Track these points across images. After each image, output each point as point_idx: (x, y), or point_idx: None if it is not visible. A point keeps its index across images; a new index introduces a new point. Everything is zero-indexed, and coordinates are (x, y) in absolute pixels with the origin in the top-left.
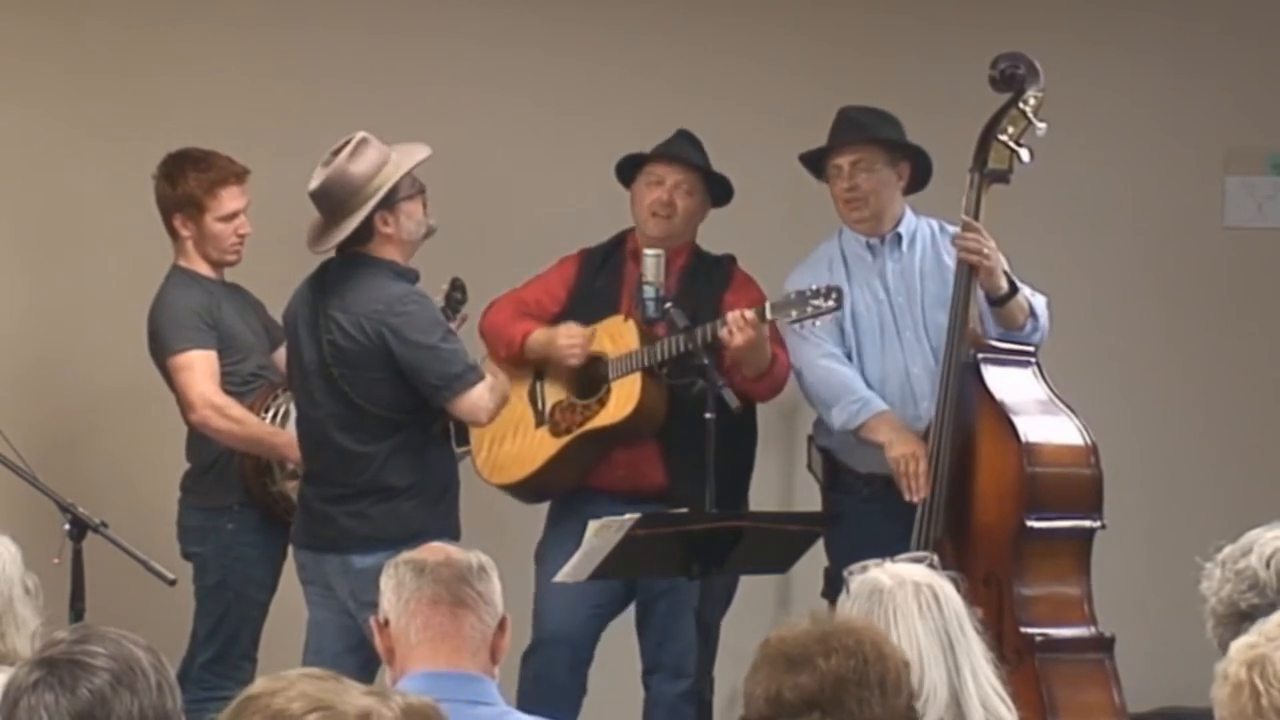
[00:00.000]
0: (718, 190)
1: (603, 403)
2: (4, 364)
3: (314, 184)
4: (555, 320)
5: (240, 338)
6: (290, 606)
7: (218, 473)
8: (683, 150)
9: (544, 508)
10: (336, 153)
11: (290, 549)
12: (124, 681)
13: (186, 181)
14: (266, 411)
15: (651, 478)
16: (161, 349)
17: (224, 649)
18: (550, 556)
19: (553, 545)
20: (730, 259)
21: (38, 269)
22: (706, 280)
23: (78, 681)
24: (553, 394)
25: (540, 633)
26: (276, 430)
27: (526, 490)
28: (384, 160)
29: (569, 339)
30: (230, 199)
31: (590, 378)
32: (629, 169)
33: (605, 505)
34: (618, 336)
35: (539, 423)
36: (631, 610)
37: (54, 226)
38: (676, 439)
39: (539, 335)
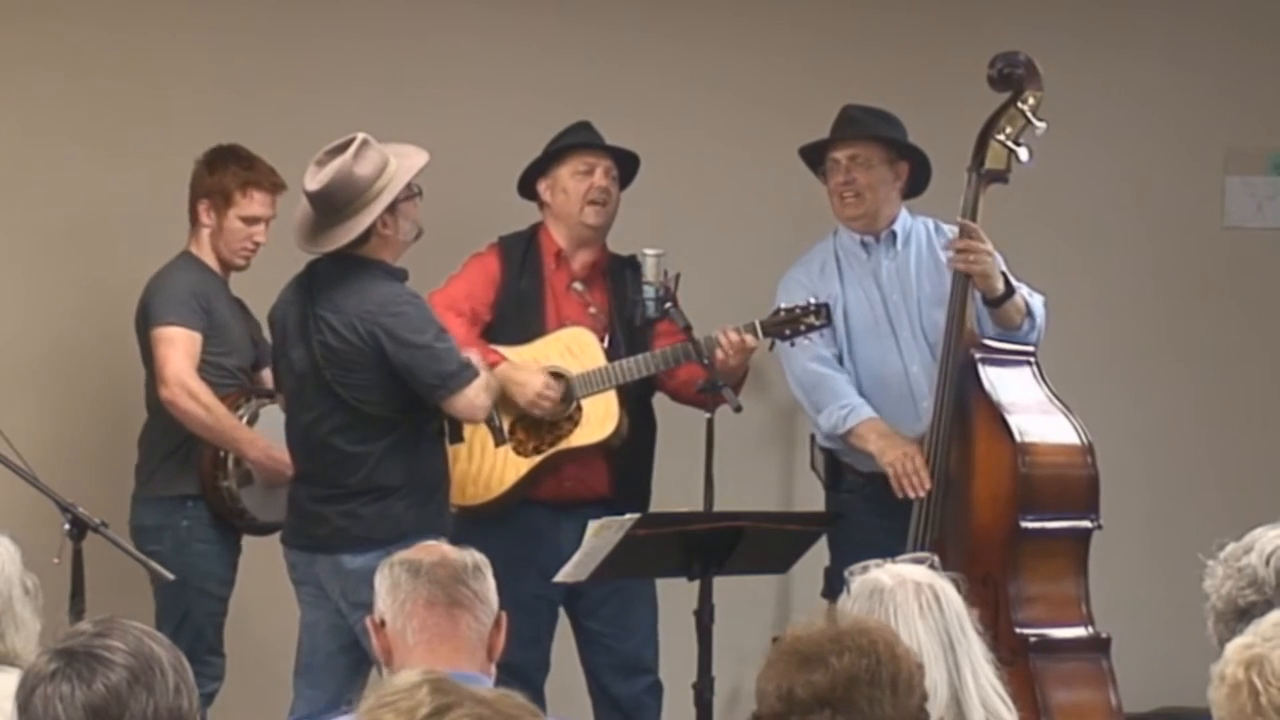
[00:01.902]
0: (627, 175)
1: (574, 421)
2: (4, 364)
3: (315, 185)
4: (489, 329)
5: (230, 332)
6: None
7: (178, 461)
8: (599, 137)
9: None
10: (332, 153)
11: (241, 543)
12: (141, 680)
13: (225, 172)
14: (234, 412)
15: (596, 486)
16: (148, 319)
17: (191, 647)
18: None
19: (519, 565)
20: (635, 260)
21: (37, 270)
22: (633, 283)
23: (95, 675)
24: (509, 412)
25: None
26: (240, 425)
27: (488, 510)
28: (384, 162)
29: (545, 396)
30: (259, 203)
31: None
32: (536, 170)
33: (548, 516)
34: (578, 350)
35: (499, 441)
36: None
37: (53, 228)
38: (620, 447)
39: (507, 373)
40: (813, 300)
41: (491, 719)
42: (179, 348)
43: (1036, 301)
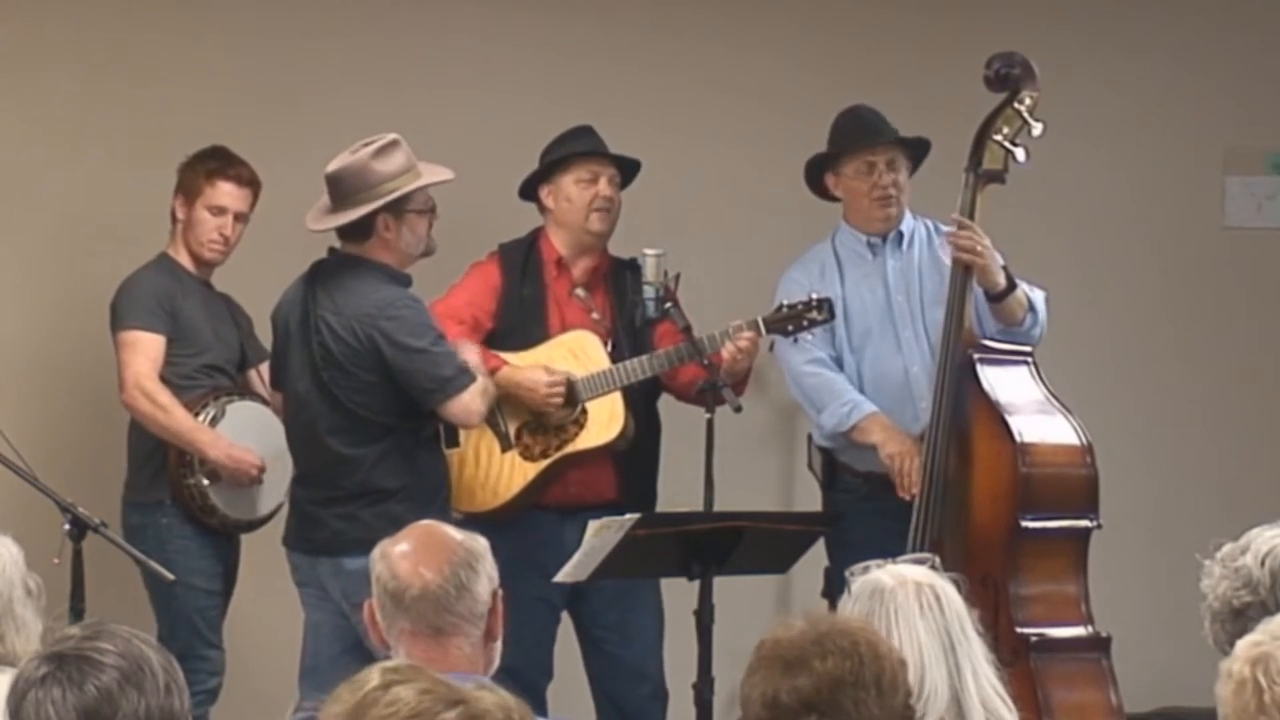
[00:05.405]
0: (626, 178)
1: (580, 424)
2: (4, 364)
3: (332, 167)
4: (492, 337)
5: (198, 333)
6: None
7: (154, 468)
8: (602, 144)
9: None
10: (368, 145)
11: (237, 539)
12: (132, 680)
13: (198, 167)
14: (198, 415)
15: (603, 491)
16: (114, 322)
17: (187, 644)
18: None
19: (522, 569)
20: (635, 263)
21: (38, 271)
22: (634, 284)
23: (85, 678)
24: (514, 417)
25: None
26: (199, 426)
27: (496, 516)
28: (408, 167)
29: (552, 392)
30: (225, 194)
31: None
32: (542, 176)
33: (553, 520)
34: (581, 353)
35: (505, 447)
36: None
37: (55, 229)
38: (626, 450)
39: (510, 375)
40: (815, 296)
41: (436, 692)
42: (139, 351)
43: (1038, 296)
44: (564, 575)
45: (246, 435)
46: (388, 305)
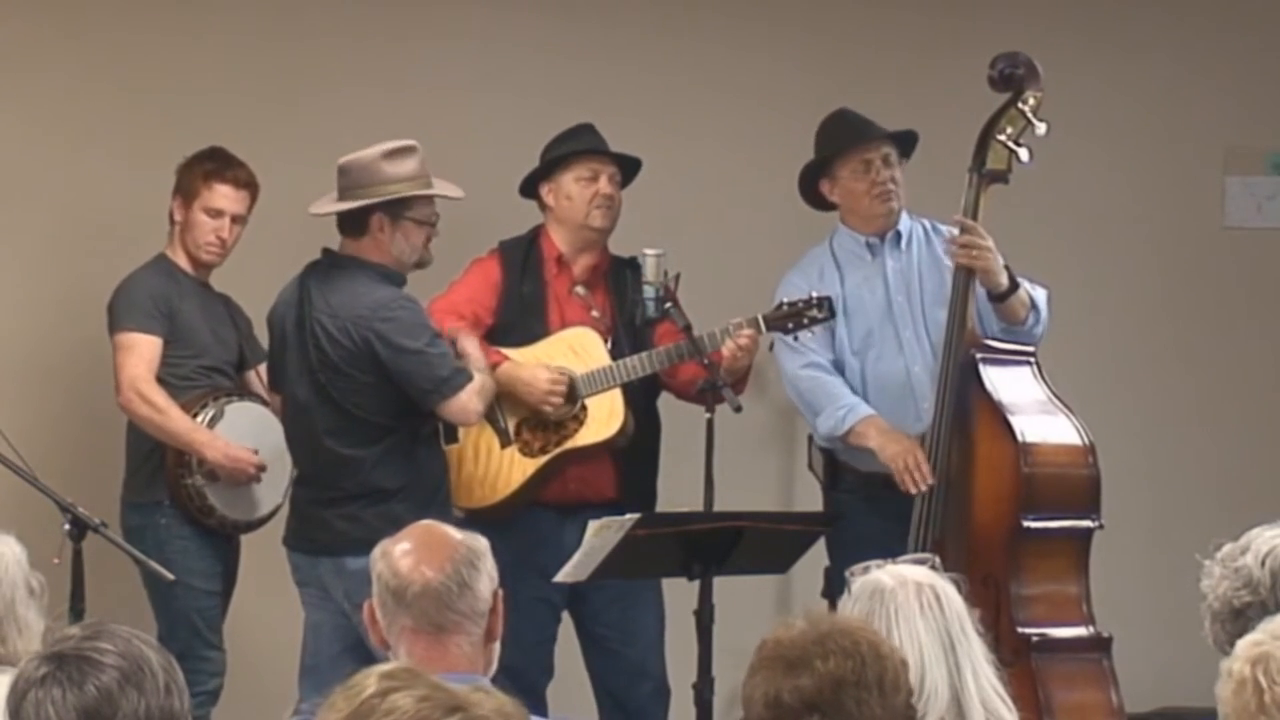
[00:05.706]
0: (627, 177)
1: (579, 420)
2: (3, 364)
3: (345, 158)
4: (492, 334)
5: (195, 335)
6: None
7: (152, 468)
8: (602, 141)
9: None
10: (385, 145)
11: (237, 539)
12: (132, 680)
13: (195, 168)
14: (197, 415)
15: (602, 489)
16: (110, 324)
17: (187, 644)
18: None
19: (522, 568)
20: (635, 261)
21: (37, 270)
22: (634, 284)
23: (85, 678)
24: (514, 412)
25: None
26: (196, 427)
27: (496, 512)
28: (417, 175)
29: (553, 389)
30: (222, 196)
31: None
32: (543, 173)
33: (553, 519)
34: (581, 350)
35: (505, 442)
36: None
37: (53, 228)
38: (625, 448)
39: (511, 371)
40: (815, 294)
41: (434, 698)
42: (135, 353)
43: (1040, 295)
44: (564, 575)
45: (246, 436)
46: (382, 307)
